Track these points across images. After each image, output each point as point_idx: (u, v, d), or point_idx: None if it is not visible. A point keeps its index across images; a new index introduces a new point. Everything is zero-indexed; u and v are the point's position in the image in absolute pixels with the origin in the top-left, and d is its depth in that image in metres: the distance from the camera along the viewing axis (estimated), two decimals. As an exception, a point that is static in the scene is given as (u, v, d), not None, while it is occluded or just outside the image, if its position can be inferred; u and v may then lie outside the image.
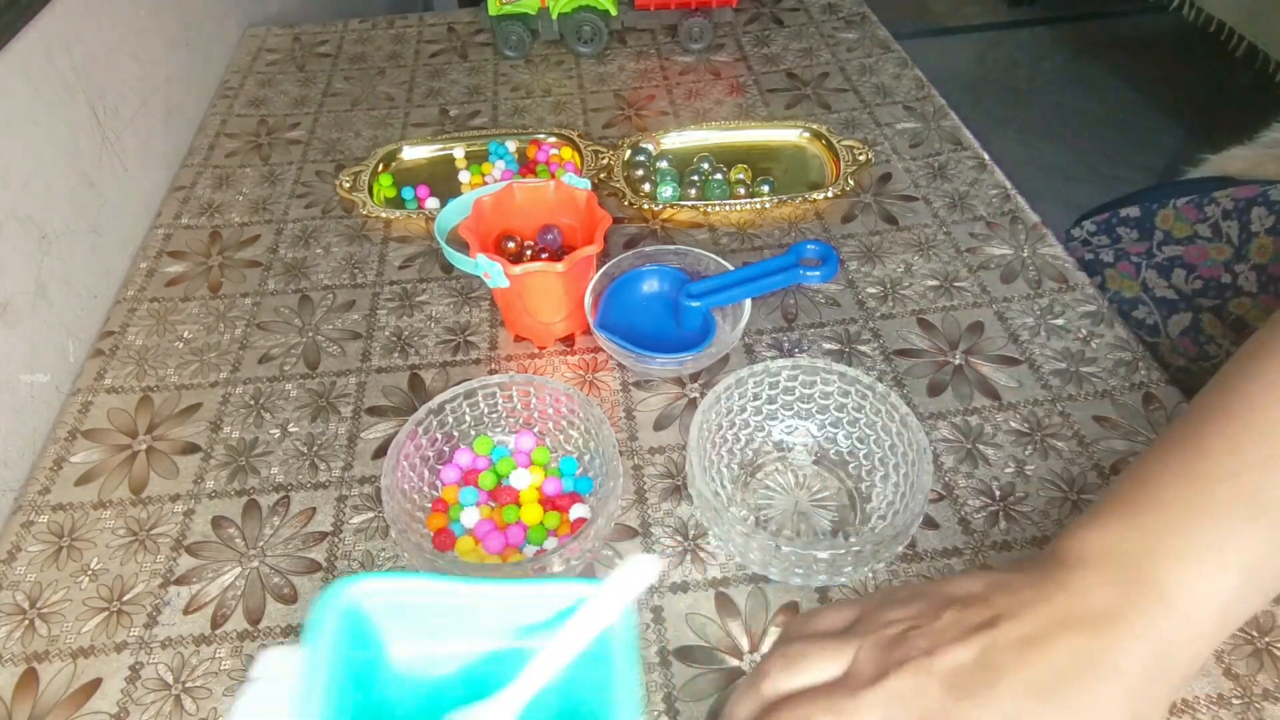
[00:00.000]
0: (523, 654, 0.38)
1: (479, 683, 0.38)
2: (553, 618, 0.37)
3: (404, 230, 0.71)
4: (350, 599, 0.35)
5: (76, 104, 0.67)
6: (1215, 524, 0.30)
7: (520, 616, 0.37)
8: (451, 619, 0.37)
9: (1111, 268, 0.72)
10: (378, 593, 0.36)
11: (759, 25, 0.98)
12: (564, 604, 0.37)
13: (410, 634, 0.38)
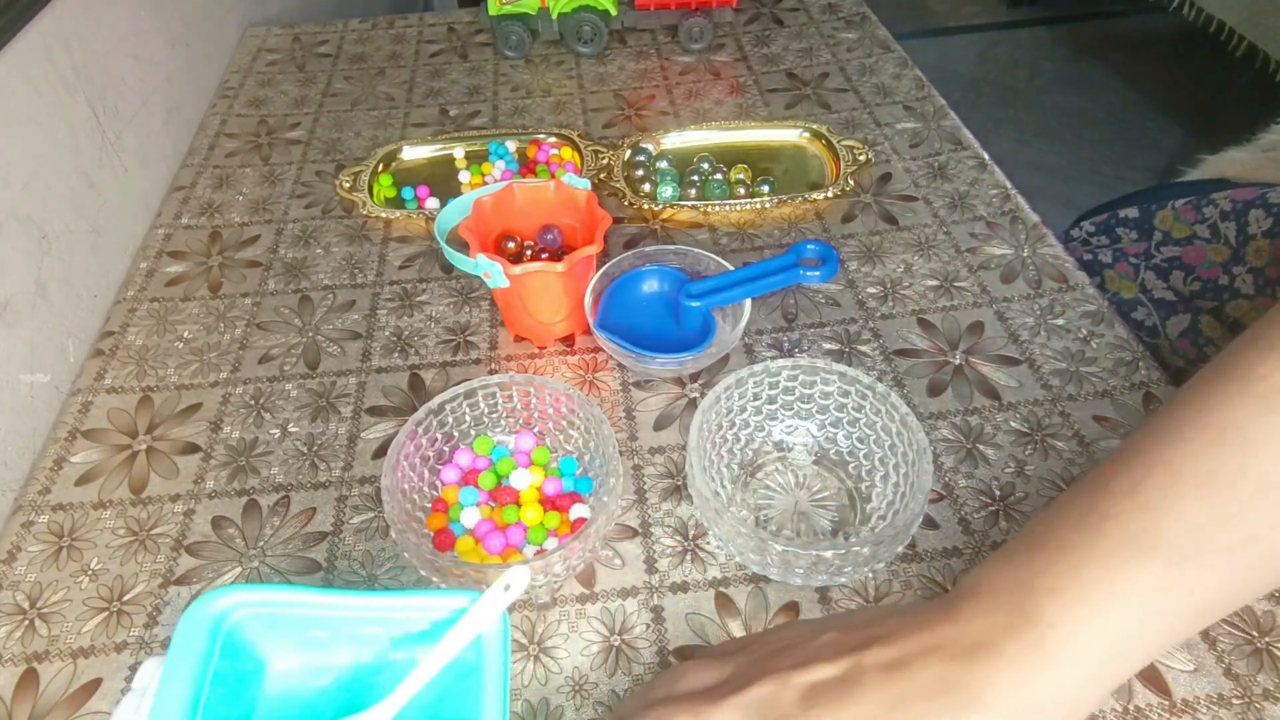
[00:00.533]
0: (400, 665, 0.38)
1: (358, 694, 0.38)
2: (429, 629, 0.38)
3: (404, 230, 0.71)
4: (218, 611, 0.35)
5: (76, 104, 0.67)
6: (1101, 562, 0.29)
7: (397, 628, 0.38)
8: (330, 631, 0.38)
9: (1110, 268, 0.72)
10: (249, 604, 0.36)
11: (759, 25, 0.98)
12: (439, 615, 0.37)
13: (290, 647, 0.38)
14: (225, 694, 0.35)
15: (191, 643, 0.34)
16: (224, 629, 0.35)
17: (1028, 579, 0.30)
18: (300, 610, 0.37)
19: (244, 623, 0.36)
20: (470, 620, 0.36)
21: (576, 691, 0.42)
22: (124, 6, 0.75)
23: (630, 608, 0.46)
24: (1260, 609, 0.44)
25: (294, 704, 0.37)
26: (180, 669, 0.33)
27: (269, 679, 0.38)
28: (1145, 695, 0.41)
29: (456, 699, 0.37)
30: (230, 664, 0.35)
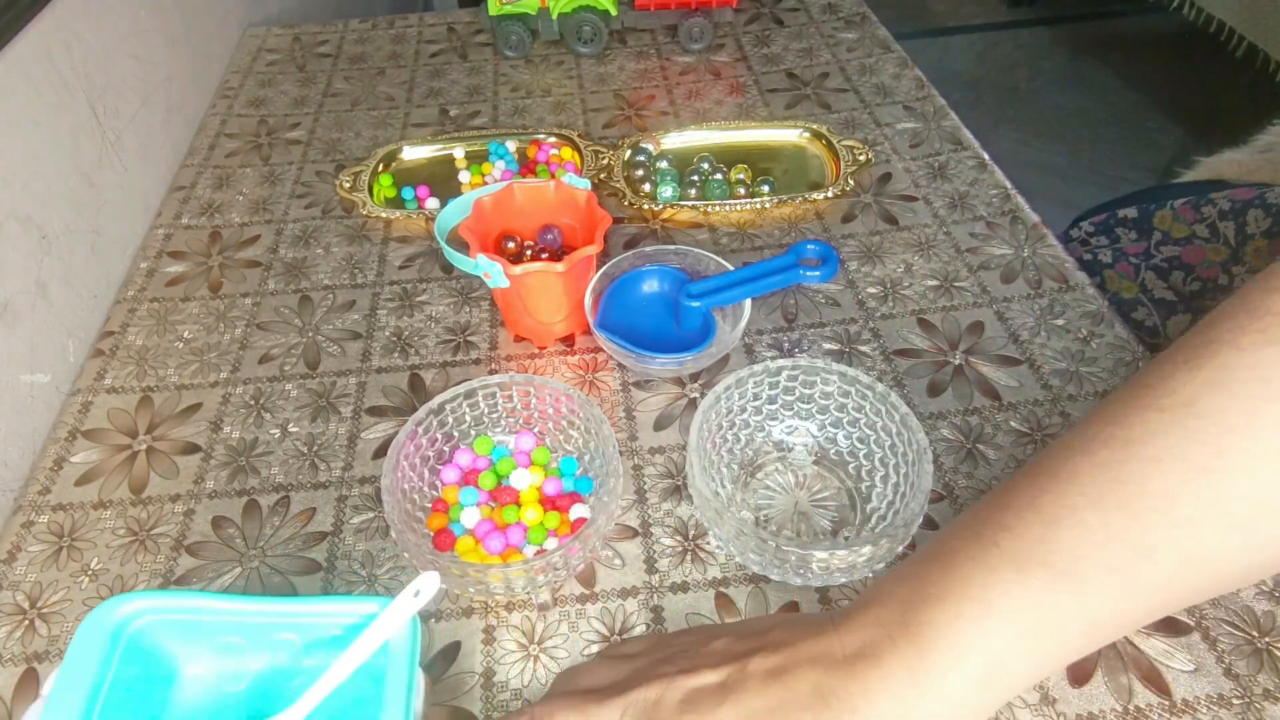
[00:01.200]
0: (312, 670, 0.38)
1: (271, 699, 0.38)
2: (341, 634, 0.38)
3: (404, 230, 0.71)
4: (118, 619, 0.36)
5: (76, 104, 0.67)
6: (985, 574, 0.29)
7: (311, 634, 0.38)
8: (245, 637, 0.38)
9: (1110, 268, 0.72)
10: (155, 610, 0.36)
11: (759, 25, 0.98)
12: (350, 621, 0.37)
13: (202, 651, 0.38)
14: (130, 700, 0.35)
15: (87, 650, 0.34)
16: (125, 635, 0.36)
17: (918, 589, 0.30)
18: (212, 616, 0.37)
19: (152, 629, 0.36)
20: (379, 626, 0.36)
21: (576, 691, 0.42)
22: (124, 6, 0.75)
23: (630, 608, 0.46)
24: (1260, 609, 0.44)
25: (207, 708, 0.38)
26: (73, 676, 0.33)
27: (182, 684, 0.38)
28: (1145, 695, 0.41)
29: (366, 705, 0.37)
30: (135, 669, 0.35)
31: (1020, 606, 0.28)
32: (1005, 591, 0.28)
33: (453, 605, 0.46)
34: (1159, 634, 0.43)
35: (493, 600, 0.46)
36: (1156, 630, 0.43)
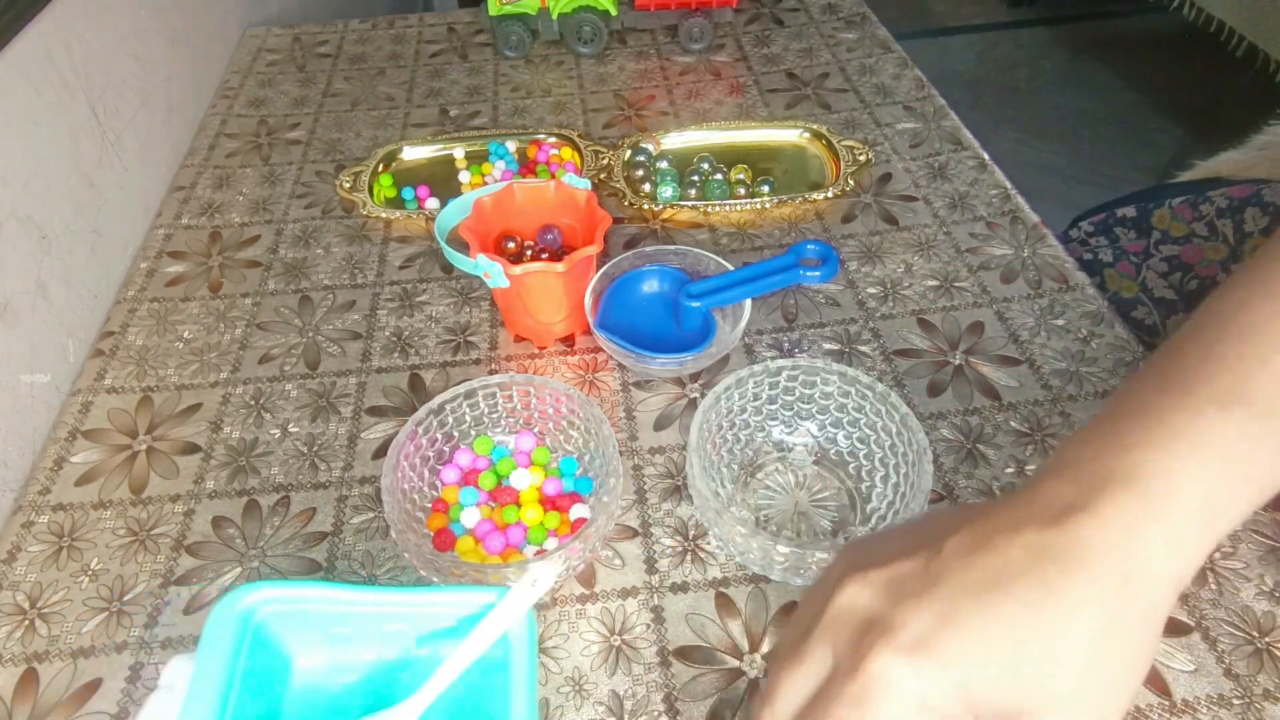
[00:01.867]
0: (425, 661, 0.38)
1: (384, 690, 0.38)
2: (455, 626, 0.38)
3: (404, 230, 0.71)
4: (245, 608, 0.35)
5: (76, 104, 0.67)
6: (1187, 415, 0.28)
7: (423, 625, 0.38)
8: (356, 628, 0.38)
9: (1111, 268, 0.72)
10: (276, 600, 0.36)
11: (759, 25, 0.98)
12: (466, 611, 0.37)
13: (315, 643, 0.38)
14: (253, 691, 0.35)
15: (221, 639, 0.34)
16: (252, 625, 0.35)
17: (1111, 443, 0.29)
18: (326, 607, 0.37)
19: (270, 619, 0.36)
20: (497, 616, 0.35)
21: (576, 691, 0.42)
22: (124, 6, 0.75)
23: (630, 608, 0.46)
24: (1260, 609, 0.44)
25: (320, 700, 0.37)
26: (211, 666, 0.33)
27: (294, 675, 0.38)
28: (1145, 695, 0.41)
29: (480, 695, 0.37)
30: (257, 660, 0.35)
31: (1230, 442, 0.28)
32: (1213, 429, 0.28)
33: (453, 605, 0.46)
34: (1159, 634, 0.43)
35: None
36: (1156, 630, 0.43)
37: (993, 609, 0.26)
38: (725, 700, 0.42)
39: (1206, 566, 0.46)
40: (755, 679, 0.43)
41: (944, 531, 0.29)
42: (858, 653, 0.27)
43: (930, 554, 0.29)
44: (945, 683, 0.26)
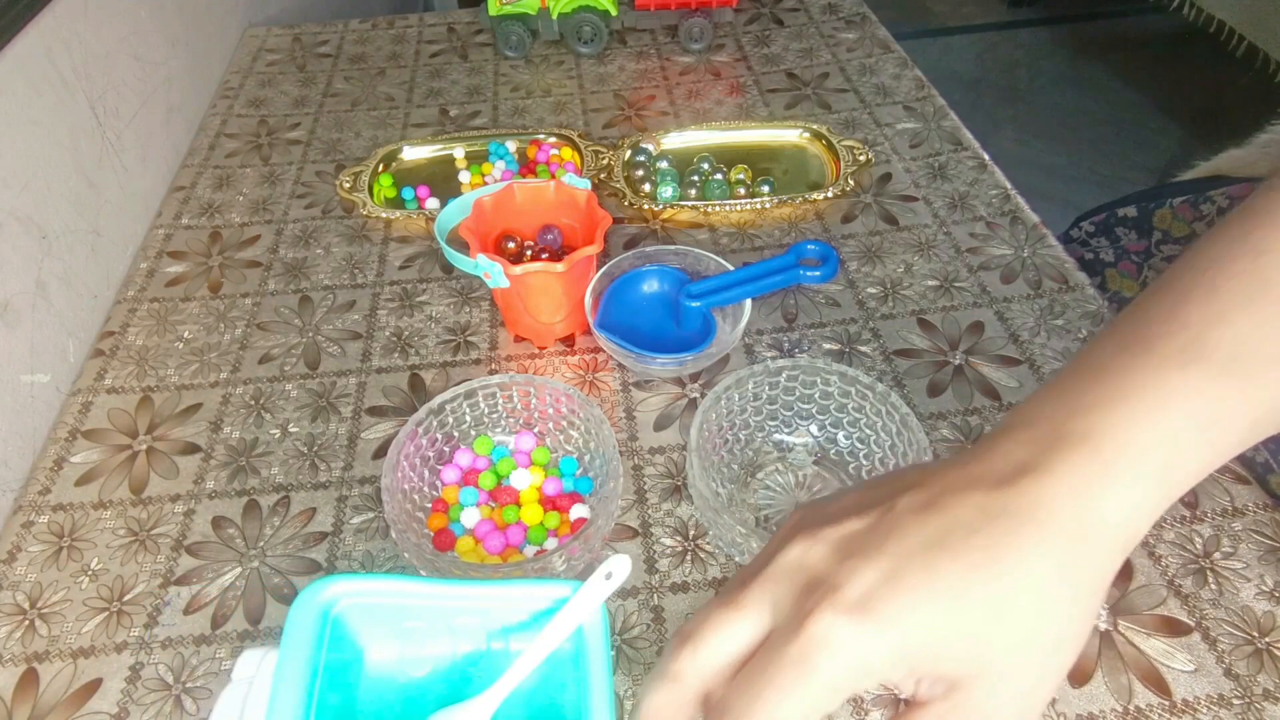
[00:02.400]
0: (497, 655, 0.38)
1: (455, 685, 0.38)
2: (528, 619, 0.37)
3: (404, 230, 0.71)
4: (326, 600, 0.35)
5: (76, 104, 0.67)
6: (1146, 374, 0.28)
7: (495, 619, 0.37)
8: (427, 621, 0.37)
9: (1112, 267, 0.72)
10: (353, 594, 0.36)
11: (759, 25, 0.98)
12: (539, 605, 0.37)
13: (387, 637, 0.38)
14: (331, 684, 0.34)
15: (303, 632, 0.34)
16: (330, 618, 0.35)
17: (1068, 403, 0.28)
18: (399, 600, 0.36)
19: (345, 613, 0.36)
20: (571, 610, 0.35)
21: (576, 691, 0.42)
22: (124, 6, 0.75)
23: (630, 608, 0.46)
24: (1260, 609, 0.44)
25: (392, 695, 0.37)
26: (294, 659, 0.33)
27: (367, 669, 0.38)
28: (1145, 695, 0.41)
29: (554, 689, 0.36)
30: (334, 654, 0.35)
31: (1190, 400, 0.27)
32: (1173, 388, 0.27)
33: (453, 605, 0.46)
34: (1159, 634, 0.43)
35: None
36: (1156, 630, 0.43)
37: (939, 570, 0.26)
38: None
39: (1206, 567, 0.46)
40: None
41: (898, 490, 0.29)
42: (800, 611, 0.27)
43: (882, 512, 0.28)
44: (887, 645, 0.26)
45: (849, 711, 0.41)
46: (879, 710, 0.41)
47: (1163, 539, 0.47)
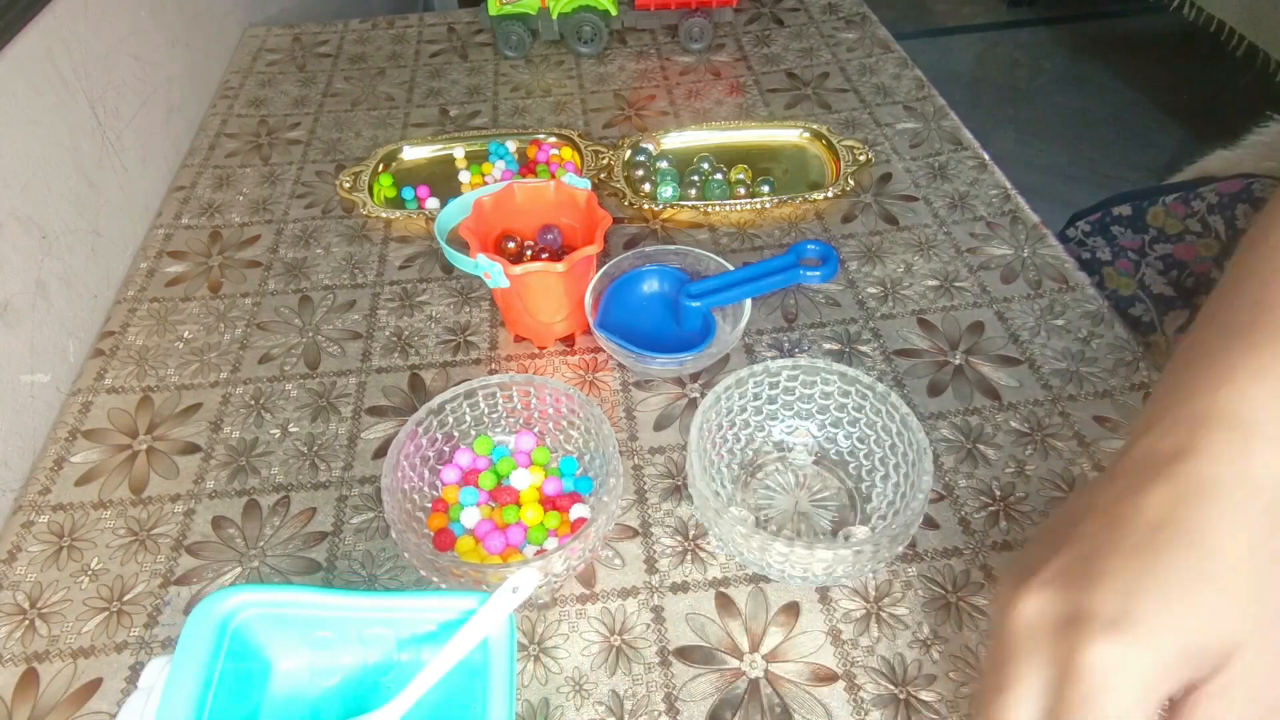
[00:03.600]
0: (407, 666, 0.38)
1: (365, 695, 0.38)
2: (436, 630, 0.38)
3: (404, 230, 0.71)
4: (225, 611, 0.35)
5: (76, 104, 0.67)
6: (1261, 351, 0.29)
7: (404, 629, 0.38)
8: (337, 632, 0.38)
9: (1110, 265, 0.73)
10: (257, 604, 0.36)
11: (759, 25, 0.98)
12: (447, 616, 0.37)
13: (295, 646, 0.38)
14: (231, 694, 0.35)
15: (198, 642, 0.34)
16: (230, 629, 0.35)
17: (1194, 390, 0.30)
18: (307, 610, 0.37)
19: (250, 622, 0.36)
20: (478, 622, 0.36)
21: (576, 691, 0.42)
22: (124, 6, 0.75)
23: (630, 608, 0.46)
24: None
25: (300, 704, 0.37)
26: (187, 668, 0.33)
27: (275, 679, 0.38)
28: (1145, 695, 0.41)
29: (461, 700, 0.37)
30: (236, 664, 0.35)
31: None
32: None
33: (453, 605, 0.46)
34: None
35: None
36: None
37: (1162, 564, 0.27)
38: (725, 700, 0.42)
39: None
40: (755, 679, 0.43)
41: (1073, 521, 0.30)
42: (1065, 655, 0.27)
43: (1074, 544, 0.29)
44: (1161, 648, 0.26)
45: (849, 711, 0.41)
46: (879, 710, 0.41)
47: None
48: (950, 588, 0.46)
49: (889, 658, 0.43)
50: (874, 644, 0.44)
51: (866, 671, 0.43)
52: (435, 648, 0.36)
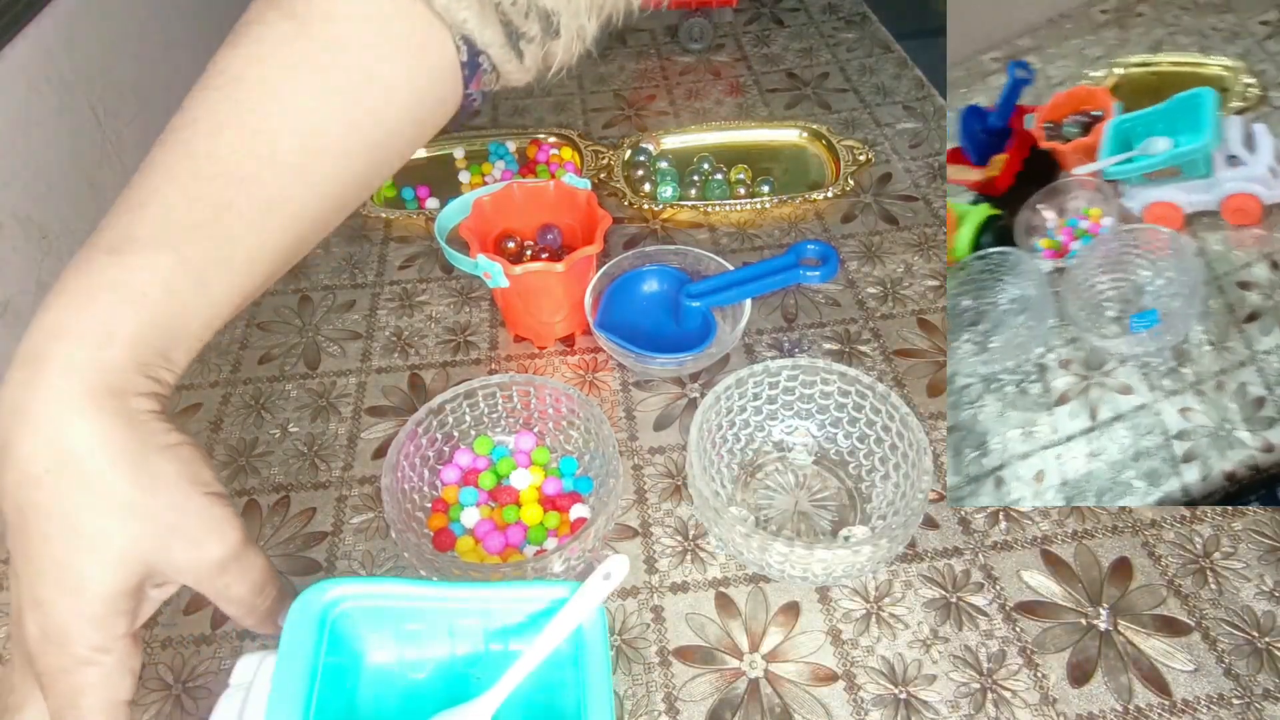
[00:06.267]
0: (497, 656, 0.38)
1: (455, 686, 0.38)
2: (526, 620, 0.37)
3: (404, 230, 0.71)
4: (326, 603, 0.35)
5: (76, 104, 0.67)
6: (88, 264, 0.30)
7: (494, 620, 0.38)
8: (427, 624, 0.37)
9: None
10: (353, 596, 0.36)
11: (759, 25, 0.98)
12: (538, 606, 0.37)
13: (386, 639, 0.37)
14: (330, 688, 0.34)
15: (303, 635, 0.34)
16: (330, 621, 0.35)
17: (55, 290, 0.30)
18: (399, 602, 0.36)
19: (344, 616, 0.36)
20: (570, 611, 0.35)
21: (576, 691, 0.42)
22: (124, 6, 0.75)
23: (630, 608, 0.46)
24: (1260, 609, 0.44)
25: (392, 697, 0.37)
26: (294, 663, 0.33)
27: (365, 673, 0.38)
28: (1145, 695, 0.41)
29: (553, 691, 0.37)
30: (334, 657, 0.35)
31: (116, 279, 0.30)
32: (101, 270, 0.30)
33: (453, 605, 0.46)
34: (1159, 634, 0.43)
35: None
36: (1157, 630, 0.43)
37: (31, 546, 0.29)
38: (725, 700, 0.42)
39: (1206, 566, 0.46)
40: (755, 679, 0.43)
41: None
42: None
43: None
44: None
45: (849, 711, 0.41)
46: (879, 710, 0.41)
47: (1163, 539, 0.47)
48: (950, 588, 0.46)
49: (889, 658, 0.43)
50: (874, 644, 0.44)
51: (866, 671, 0.43)
52: (525, 638, 0.36)
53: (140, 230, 0.31)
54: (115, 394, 0.29)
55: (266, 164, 0.32)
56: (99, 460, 0.28)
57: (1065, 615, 0.44)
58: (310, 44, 0.32)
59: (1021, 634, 0.44)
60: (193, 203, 0.31)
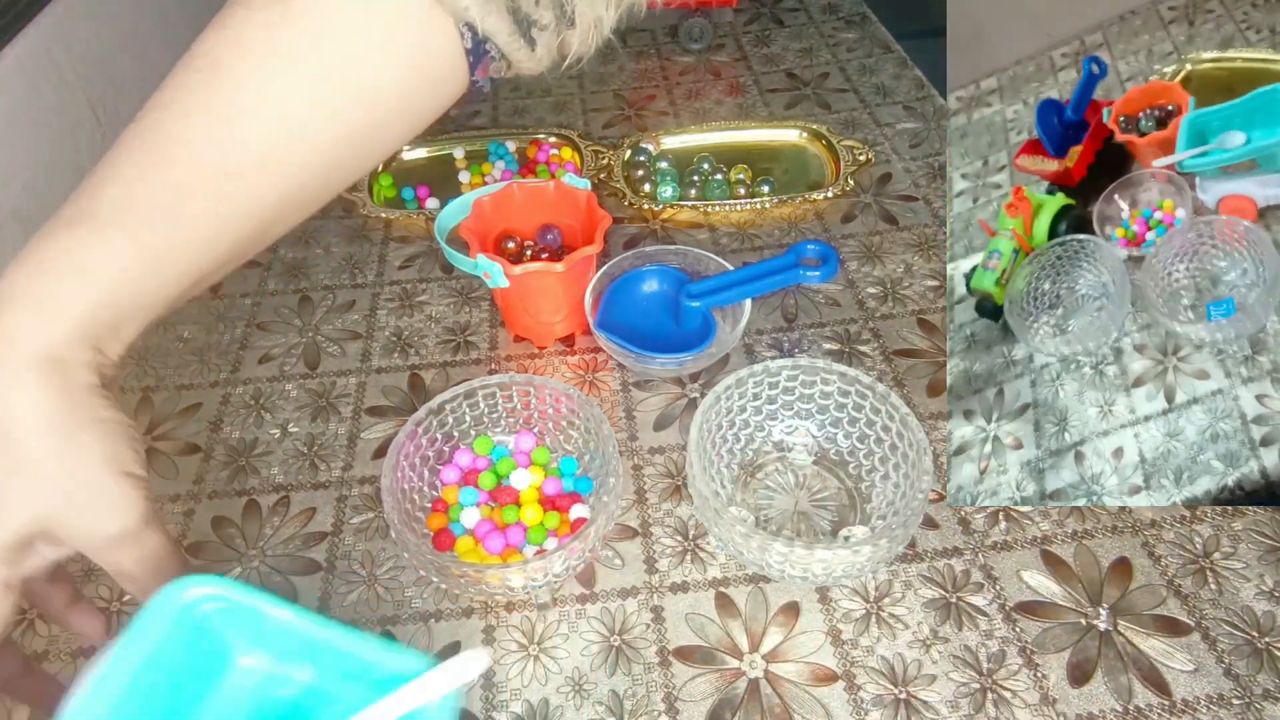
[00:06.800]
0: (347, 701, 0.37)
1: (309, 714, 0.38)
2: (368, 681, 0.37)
3: (404, 230, 0.71)
4: (189, 599, 0.35)
5: (76, 104, 0.67)
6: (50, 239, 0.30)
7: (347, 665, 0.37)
8: (299, 647, 0.37)
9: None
10: (219, 598, 0.36)
11: (759, 25, 0.98)
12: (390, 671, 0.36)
13: (258, 647, 0.37)
14: (179, 675, 0.34)
15: (151, 627, 0.34)
16: (193, 618, 0.35)
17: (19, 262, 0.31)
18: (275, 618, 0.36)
19: (216, 614, 0.36)
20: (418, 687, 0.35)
21: (576, 691, 0.42)
22: (124, 6, 0.75)
23: (630, 608, 0.46)
24: (1260, 609, 0.44)
25: (251, 704, 0.37)
26: (130, 651, 0.33)
27: (234, 673, 0.38)
28: (1145, 695, 0.41)
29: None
30: (190, 649, 0.35)
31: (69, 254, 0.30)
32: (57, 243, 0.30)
33: (453, 605, 0.46)
34: (1159, 634, 0.43)
35: (492, 600, 0.46)
36: (1156, 630, 0.43)
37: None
38: (725, 700, 0.42)
39: (1206, 566, 0.46)
40: (755, 679, 0.43)
41: None
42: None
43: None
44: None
45: (849, 711, 0.41)
46: (878, 710, 0.41)
47: (1162, 539, 0.47)
48: (950, 588, 0.46)
49: (889, 658, 0.43)
50: (874, 644, 0.44)
51: (866, 671, 0.43)
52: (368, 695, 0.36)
53: (98, 208, 0.31)
54: (56, 364, 0.29)
55: (232, 151, 0.32)
56: (24, 425, 0.29)
57: (1065, 615, 0.44)
58: (293, 31, 0.32)
59: (1021, 634, 0.44)
60: (152, 185, 0.31)
